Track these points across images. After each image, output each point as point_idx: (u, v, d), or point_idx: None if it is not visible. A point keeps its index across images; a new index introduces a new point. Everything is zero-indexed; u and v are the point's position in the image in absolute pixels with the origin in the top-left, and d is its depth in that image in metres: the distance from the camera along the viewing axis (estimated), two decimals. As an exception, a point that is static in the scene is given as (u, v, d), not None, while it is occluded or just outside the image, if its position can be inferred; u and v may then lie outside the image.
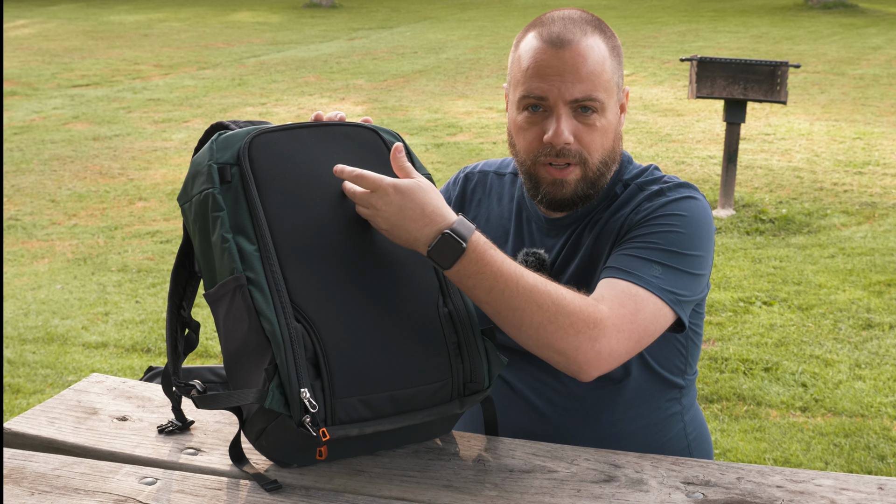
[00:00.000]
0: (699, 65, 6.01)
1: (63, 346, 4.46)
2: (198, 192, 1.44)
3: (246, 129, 1.48)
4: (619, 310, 1.50)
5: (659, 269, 1.56)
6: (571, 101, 1.59)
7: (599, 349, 1.47)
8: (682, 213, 1.62)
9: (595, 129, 1.61)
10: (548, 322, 1.45)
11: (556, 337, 1.45)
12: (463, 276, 1.43)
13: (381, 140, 1.55)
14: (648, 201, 1.64)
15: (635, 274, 1.55)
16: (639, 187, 1.69)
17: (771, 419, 3.64)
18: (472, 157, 7.92)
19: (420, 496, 1.39)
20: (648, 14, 17.95)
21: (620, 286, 1.53)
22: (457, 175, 1.89)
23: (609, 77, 1.62)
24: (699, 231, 1.62)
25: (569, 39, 1.59)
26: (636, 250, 1.58)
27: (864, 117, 9.15)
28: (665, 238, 1.59)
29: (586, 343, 1.46)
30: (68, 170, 7.87)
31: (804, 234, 5.97)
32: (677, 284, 1.56)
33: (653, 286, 1.54)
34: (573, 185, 1.64)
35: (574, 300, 1.47)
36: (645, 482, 1.43)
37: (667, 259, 1.57)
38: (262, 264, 1.38)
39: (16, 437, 1.57)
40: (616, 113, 1.66)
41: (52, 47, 14.82)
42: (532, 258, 1.70)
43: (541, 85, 1.60)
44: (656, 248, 1.58)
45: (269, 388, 1.33)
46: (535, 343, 1.47)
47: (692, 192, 1.66)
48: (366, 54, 13.76)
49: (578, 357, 1.46)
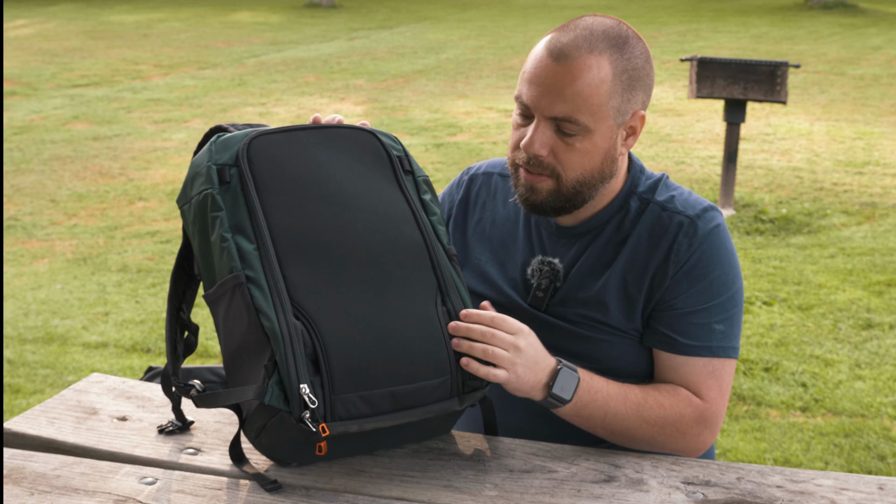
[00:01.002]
0: (699, 65, 6.01)
1: (63, 346, 4.46)
2: (197, 193, 1.44)
3: (244, 131, 1.48)
4: (709, 394, 1.61)
5: (720, 327, 1.62)
6: (550, 118, 1.58)
7: (705, 440, 1.62)
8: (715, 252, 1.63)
9: (574, 150, 1.58)
10: (657, 434, 1.58)
11: (668, 444, 1.60)
12: (580, 407, 1.53)
13: (380, 143, 1.55)
14: (686, 238, 1.63)
15: (704, 346, 1.62)
16: (661, 207, 1.66)
17: (771, 419, 3.64)
18: (472, 157, 7.92)
19: (420, 496, 1.39)
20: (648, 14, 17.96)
21: (697, 366, 1.61)
22: (460, 177, 1.87)
23: (602, 102, 1.56)
24: (733, 259, 1.66)
25: (568, 54, 1.55)
26: (694, 315, 1.62)
27: (864, 117, 9.15)
28: (714, 289, 1.62)
29: (693, 440, 1.61)
30: (68, 170, 7.87)
31: (804, 234, 5.97)
32: (735, 331, 1.64)
33: (723, 350, 1.62)
34: (544, 194, 1.62)
35: (674, 407, 1.59)
36: (645, 482, 1.43)
37: (722, 312, 1.62)
38: (261, 263, 1.38)
39: (16, 437, 1.57)
40: (609, 137, 1.60)
41: (52, 47, 14.82)
42: (547, 267, 1.69)
43: (529, 93, 1.59)
44: (710, 305, 1.62)
45: (268, 384, 1.33)
46: (648, 449, 1.61)
47: (718, 218, 1.66)
48: (366, 54, 13.76)
49: (688, 450, 1.61)
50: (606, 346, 1.65)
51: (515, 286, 1.72)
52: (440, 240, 1.52)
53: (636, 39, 1.60)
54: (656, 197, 1.68)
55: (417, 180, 1.57)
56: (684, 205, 1.66)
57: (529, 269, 1.71)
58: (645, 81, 1.62)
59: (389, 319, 1.41)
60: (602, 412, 1.55)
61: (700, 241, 1.63)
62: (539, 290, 1.69)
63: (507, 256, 1.75)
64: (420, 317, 1.43)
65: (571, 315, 1.66)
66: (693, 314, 1.61)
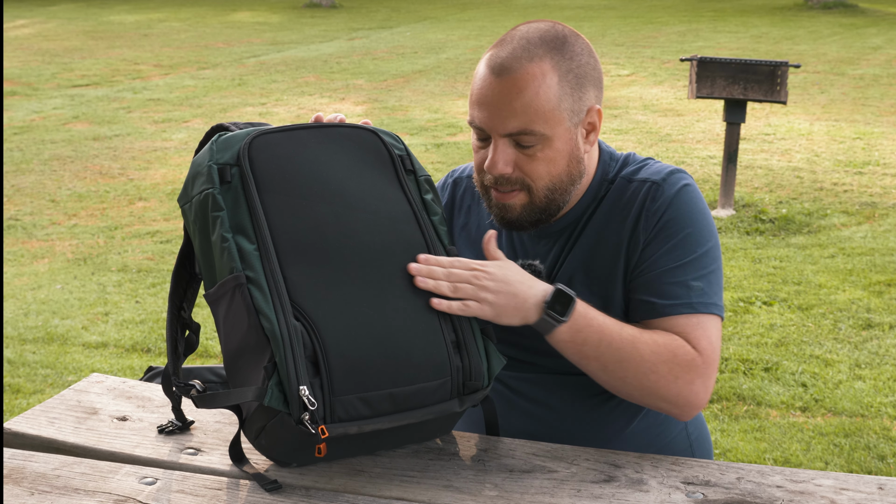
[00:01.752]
0: (699, 65, 6.01)
1: (63, 346, 4.46)
2: (198, 192, 1.44)
3: (246, 131, 1.48)
4: (699, 344, 1.56)
5: (697, 283, 1.59)
6: (505, 135, 1.57)
7: (697, 390, 1.55)
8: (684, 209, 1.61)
9: (536, 160, 1.58)
10: (650, 371, 1.53)
11: (659, 385, 1.54)
12: (575, 331, 1.50)
13: (382, 142, 1.55)
14: (652, 202, 1.62)
15: (683, 303, 1.58)
16: (627, 180, 1.66)
17: (771, 419, 3.64)
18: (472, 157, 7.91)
19: (420, 496, 1.39)
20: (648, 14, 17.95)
21: (680, 322, 1.57)
22: (444, 180, 1.86)
23: (553, 107, 1.55)
24: (704, 219, 1.63)
25: (509, 67, 1.54)
26: (668, 275, 1.59)
27: (864, 117, 9.15)
28: (684, 247, 1.60)
29: (685, 388, 1.54)
30: (68, 170, 7.87)
31: (804, 234, 5.97)
32: (715, 289, 1.61)
33: (705, 306, 1.58)
34: (519, 209, 1.62)
35: (668, 345, 1.54)
36: (645, 482, 1.43)
37: (697, 269, 1.59)
38: (262, 263, 1.38)
39: (16, 437, 1.57)
40: (569, 140, 1.59)
41: (52, 47, 14.82)
42: (528, 270, 1.67)
43: (479, 115, 1.58)
44: (683, 263, 1.59)
45: (268, 385, 1.33)
46: (638, 392, 1.55)
47: (685, 178, 1.65)
48: (366, 54, 13.76)
49: (680, 401, 1.55)
50: None
51: None
52: (441, 240, 1.52)
53: (574, 37, 1.60)
54: (621, 173, 1.68)
55: (419, 180, 1.56)
56: (648, 172, 1.66)
57: None
58: (592, 76, 1.61)
59: (389, 320, 1.41)
60: (597, 338, 1.51)
61: (668, 201, 1.61)
62: None
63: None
64: (420, 318, 1.43)
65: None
66: (668, 273, 1.59)
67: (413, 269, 1.44)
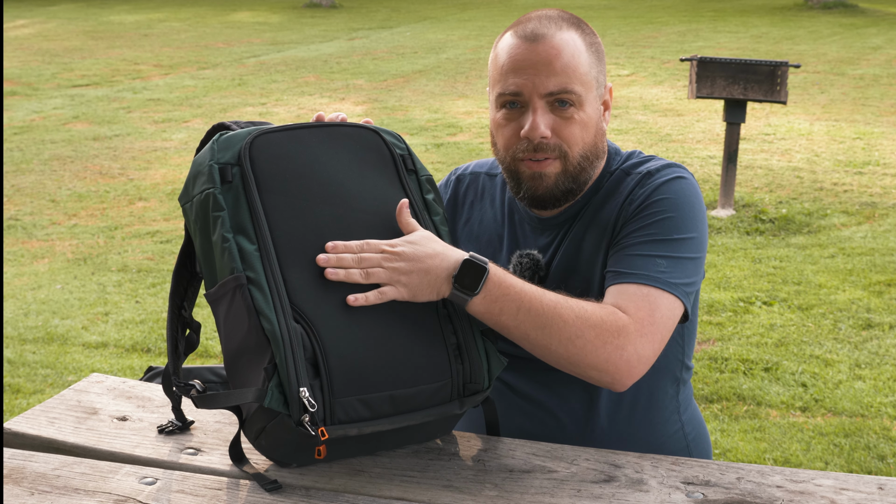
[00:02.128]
0: (699, 65, 6.01)
1: (63, 346, 4.46)
2: (199, 191, 1.44)
3: (247, 130, 1.48)
4: (637, 314, 1.51)
5: (663, 262, 1.56)
6: (546, 95, 1.58)
7: (629, 357, 1.49)
8: (671, 196, 1.61)
9: (573, 122, 1.60)
10: (575, 337, 1.47)
11: (586, 351, 1.47)
12: (489, 302, 1.45)
13: (383, 141, 1.55)
14: (640, 187, 1.63)
15: (643, 274, 1.55)
16: (625, 172, 1.68)
17: (771, 419, 3.64)
18: (472, 157, 7.92)
19: (420, 496, 1.39)
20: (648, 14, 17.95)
21: (631, 290, 1.54)
22: (448, 177, 1.88)
23: (586, 71, 1.60)
24: (691, 211, 1.61)
25: (542, 34, 1.59)
26: (637, 247, 1.58)
27: (864, 117, 9.15)
28: (661, 227, 1.59)
29: (615, 353, 1.48)
30: (68, 170, 7.87)
31: (804, 234, 5.97)
32: (682, 274, 1.57)
33: (662, 282, 1.55)
34: (553, 179, 1.62)
35: (595, 311, 1.49)
36: (645, 482, 1.43)
37: (667, 249, 1.57)
38: (262, 264, 1.38)
39: (16, 437, 1.57)
40: (597, 108, 1.64)
41: (52, 47, 14.82)
42: (527, 259, 1.69)
43: (516, 80, 1.59)
44: (655, 239, 1.58)
45: (268, 387, 1.33)
46: (566, 360, 1.49)
47: (680, 172, 1.65)
48: (366, 54, 13.76)
49: (609, 368, 1.48)
50: None
51: None
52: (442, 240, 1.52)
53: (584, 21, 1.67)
54: (623, 166, 1.70)
55: (421, 179, 1.56)
56: (648, 166, 1.67)
57: (511, 266, 1.71)
58: (603, 58, 1.68)
59: (389, 322, 1.41)
60: (515, 307, 1.46)
61: (655, 187, 1.62)
62: None
63: (493, 255, 1.75)
64: (421, 320, 1.43)
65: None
66: (635, 246, 1.58)
67: (322, 260, 1.40)
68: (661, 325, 1.52)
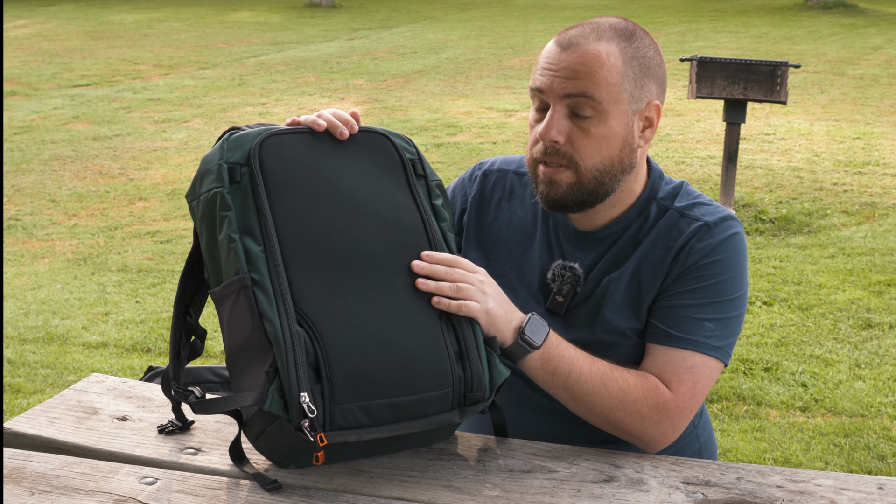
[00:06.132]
0: (699, 65, 6.01)
1: (63, 346, 4.46)
2: (206, 190, 1.43)
3: (258, 130, 1.47)
4: (679, 388, 1.58)
5: (710, 325, 1.59)
6: (565, 96, 1.57)
7: (664, 431, 1.58)
8: (727, 256, 1.62)
9: (589, 135, 1.58)
10: (617, 408, 1.55)
11: (625, 423, 1.56)
12: (546, 360, 1.52)
13: (393, 145, 1.54)
14: (699, 241, 1.62)
15: (688, 339, 1.59)
16: (679, 213, 1.66)
17: (771, 419, 3.64)
18: (472, 157, 7.92)
19: (420, 496, 1.39)
20: (648, 14, 17.95)
21: (677, 360, 1.59)
22: (472, 171, 1.83)
23: (616, 82, 1.56)
24: (741, 270, 1.64)
25: (576, 42, 1.57)
26: (688, 309, 1.60)
27: (864, 117, 9.15)
28: (714, 290, 1.61)
29: (651, 427, 1.56)
30: (68, 170, 7.87)
31: (804, 234, 5.97)
32: (727, 334, 1.61)
33: (708, 347, 1.59)
34: (565, 188, 1.61)
35: (638, 387, 1.56)
36: (645, 482, 1.43)
37: (716, 312, 1.60)
38: (268, 266, 1.37)
39: (16, 437, 1.57)
40: (625, 123, 1.59)
41: (52, 47, 14.82)
42: (569, 273, 1.68)
43: (541, 78, 1.59)
44: (706, 303, 1.60)
45: (268, 390, 1.32)
46: (605, 426, 1.58)
47: (736, 227, 1.65)
48: (366, 54, 13.76)
49: (645, 438, 1.58)
50: (621, 351, 1.64)
51: (532, 290, 1.70)
52: (449, 247, 1.51)
53: (644, 33, 1.62)
54: (676, 203, 1.67)
55: (430, 184, 1.55)
56: (703, 212, 1.66)
57: (550, 274, 1.70)
58: (656, 72, 1.62)
59: (392, 329, 1.40)
60: (567, 369, 1.53)
61: (714, 245, 1.62)
62: (559, 295, 1.68)
63: (524, 259, 1.73)
64: (424, 328, 1.42)
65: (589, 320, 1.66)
66: (686, 308, 1.60)
67: (416, 266, 1.44)
68: (701, 394, 1.59)
